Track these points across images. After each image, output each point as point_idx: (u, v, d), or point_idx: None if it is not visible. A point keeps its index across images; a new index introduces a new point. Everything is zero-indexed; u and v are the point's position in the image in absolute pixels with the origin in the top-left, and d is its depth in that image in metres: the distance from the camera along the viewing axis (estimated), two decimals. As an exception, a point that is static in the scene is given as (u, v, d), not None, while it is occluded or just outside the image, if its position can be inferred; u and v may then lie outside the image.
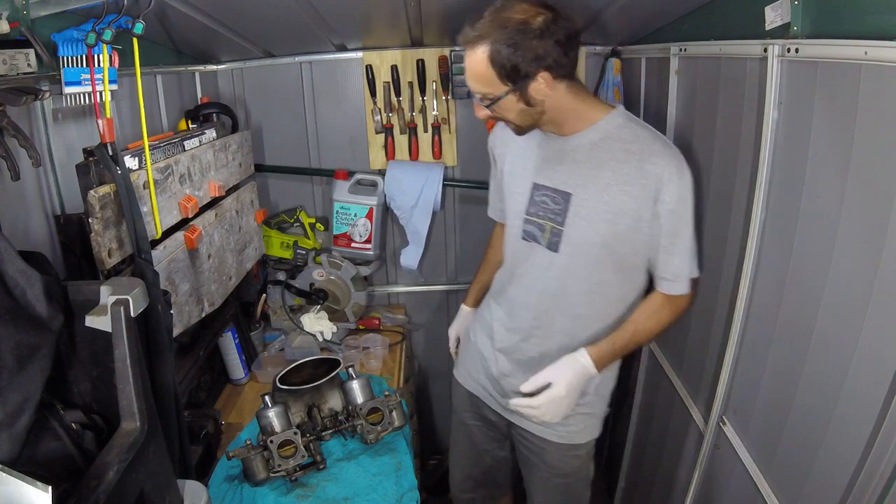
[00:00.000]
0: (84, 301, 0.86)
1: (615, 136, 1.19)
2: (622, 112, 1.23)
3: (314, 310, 1.97)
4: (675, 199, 1.16)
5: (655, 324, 1.28)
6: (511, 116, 1.17)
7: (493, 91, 1.11)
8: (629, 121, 1.22)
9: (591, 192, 1.20)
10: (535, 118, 1.18)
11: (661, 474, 1.74)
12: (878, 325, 0.88)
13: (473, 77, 1.12)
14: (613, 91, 1.87)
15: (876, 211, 0.87)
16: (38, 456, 0.77)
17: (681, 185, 1.16)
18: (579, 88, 1.20)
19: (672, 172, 1.15)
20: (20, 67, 0.95)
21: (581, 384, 1.25)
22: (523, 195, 1.29)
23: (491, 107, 1.15)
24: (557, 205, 1.23)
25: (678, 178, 1.16)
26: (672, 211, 1.17)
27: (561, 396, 1.23)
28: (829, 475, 0.98)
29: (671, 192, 1.15)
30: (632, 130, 1.20)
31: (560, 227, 1.24)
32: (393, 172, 2.01)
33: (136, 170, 1.16)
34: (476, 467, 1.65)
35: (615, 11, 1.51)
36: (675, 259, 1.21)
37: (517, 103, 1.13)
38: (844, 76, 0.91)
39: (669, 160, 1.16)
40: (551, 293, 1.29)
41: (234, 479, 1.31)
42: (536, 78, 1.08)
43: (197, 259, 1.38)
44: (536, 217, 1.27)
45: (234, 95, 2.02)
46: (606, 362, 1.26)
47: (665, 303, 1.26)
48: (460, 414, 1.60)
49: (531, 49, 1.04)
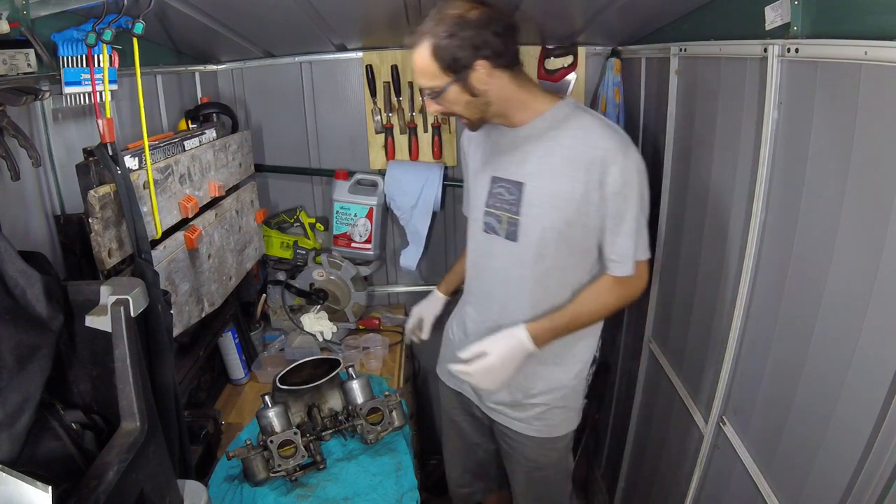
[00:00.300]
0: (84, 301, 0.86)
1: (562, 124, 1.23)
2: (569, 101, 1.27)
3: (314, 310, 1.97)
4: (620, 181, 1.18)
5: (600, 306, 1.29)
6: (459, 109, 1.22)
7: (438, 83, 1.17)
8: (576, 109, 1.26)
9: (542, 180, 1.23)
10: (483, 110, 1.22)
11: (661, 474, 1.75)
12: (878, 324, 0.88)
13: (419, 73, 1.19)
14: (613, 91, 1.87)
15: (876, 211, 0.87)
16: (38, 456, 0.77)
17: (625, 166, 1.17)
18: (525, 80, 1.24)
19: (616, 155, 1.17)
20: (20, 67, 0.95)
21: (517, 357, 1.27)
22: (484, 188, 1.33)
23: (438, 100, 1.20)
24: (512, 195, 1.27)
25: (622, 159, 1.17)
26: (616, 193, 1.18)
27: (493, 365, 1.26)
28: (829, 475, 0.98)
29: (615, 174, 1.17)
30: (578, 118, 1.23)
31: (516, 216, 1.27)
32: (393, 172, 2.01)
33: (136, 170, 1.16)
34: (470, 461, 1.68)
35: (615, 11, 1.51)
36: (620, 240, 1.22)
37: (462, 94, 1.18)
38: (844, 76, 0.91)
39: (613, 143, 1.18)
40: (512, 282, 1.32)
41: (234, 479, 1.31)
42: (475, 67, 1.13)
43: (197, 259, 1.38)
44: (494, 209, 1.31)
45: (234, 95, 2.02)
46: (545, 339, 1.28)
47: (612, 285, 1.28)
48: (448, 411, 1.63)
49: (468, 39, 1.11)
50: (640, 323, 1.90)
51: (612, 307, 1.31)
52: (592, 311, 1.30)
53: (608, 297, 1.29)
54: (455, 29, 1.11)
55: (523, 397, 1.39)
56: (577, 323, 1.30)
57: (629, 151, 1.19)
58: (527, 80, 1.25)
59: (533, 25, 1.80)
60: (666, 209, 1.69)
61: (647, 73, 1.78)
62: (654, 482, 1.81)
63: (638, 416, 1.98)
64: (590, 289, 1.29)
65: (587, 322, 1.31)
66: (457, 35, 1.11)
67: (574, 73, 1.94)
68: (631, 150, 1.20)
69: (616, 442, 2.23)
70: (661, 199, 1.69)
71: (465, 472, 1.70)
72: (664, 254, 1.73)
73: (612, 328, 2.28)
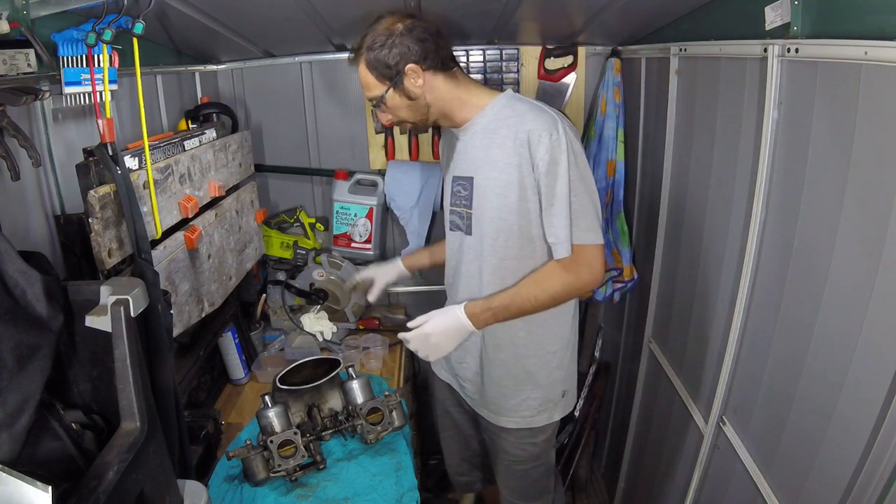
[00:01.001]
0: (84, 301, 0.86)
1: (499, 115, 1.27)
2: (507, 94, 1.31)
3: (314, 310, 1.97)
4: (546, 160, 1.19)
5: (541, 291, 1.28)
6: (403, 114, 1.30)
7: (378, 93, 1.27)
8: (511, 99, 1.29)
9: (485, 171, 1.28)
10: (424, 112, 1.30)
11: (661, 474, 1.75)
12: (878, 324, 0.88)
13: (364, 87, 1.30)
14: (613, 91, 1.87)
15: (876, 210, 0.87)
16: (38, 456, 0.77)
17: (551, 145, 1.18)
18: (463, 79, 1.32)
19: (541, 134, 1.19)
20: (20, 67, 0.95)
21: (453, 333, 1.32)
22: (448, 189, 1.41)
23: (382, 107, 1.29)
24: (466, 190, 1.33)
25: (547, 138, 1.18)
26: (546, 172, 1.20)
27: (426, 334, 1.33)
28: (829, 475, 0.98)
29: (541, 153, 1.19)
30: (512, 107, 1.26)
31: (469, 210, 1.33)
32: (393, 172, 2.01)
33: (136, 170, 1.15)
34: (467, 450, 1.72)
35: (615, 11, 1.51)
36: (554, 220, 1.22)
37: (401, 99, 1.27)
38: (844, 76, 0.91)
39: (538, 124, 1.20)
40: (471, 275, 1.37)
41: (234, 479, 1.31)
42: (406, 72, 1.23)
43: (197, 259, 1.38)
44: (455, 206, 1.38)
45: (234, 95, 2.02)
46: (483, 318, 1.30)
47: (556, 270, 1.26)
48: (442, 401, 1.66)
49: (395, 47, 1.22)
50: (640, 323, 1.90)
51: (558, 293, 1.28)
52: (533, 294, 1.28)
53: (551, 282, 1.27)
54: (383, 40, 1.22)
55: (493, 390, 1.43)
56: (517, 305, 1.28)
57: (554, 130, 1.19)
58: (465, 79, 1.33)
59: (533, 25, 1.80)
60: (666, 209, 1.69)
61: (647, 73, 1.78)
62: (654, 482, 1.81)
63: (638, 416, 1.98)
64: (533, 273, 1.30)
65: (531, 307, 1.29)
66: (385, 45, 1.22)
67: (574, 73, 1.94)
68: (557, 128, 1.20)
69: (616, 442, 2.24)
70: (661, 199, 1.70)
71: (463, 461, 1.75)
72: (664, 254, 1.73)
73: (612, 328, 2.28)
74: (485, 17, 1.65)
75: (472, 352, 1.43)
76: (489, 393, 1.44)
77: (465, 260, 1.38)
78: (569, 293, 1.29)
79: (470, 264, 1.36)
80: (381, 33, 1.22)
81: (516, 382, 1.40)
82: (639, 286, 1.94)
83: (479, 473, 1.77)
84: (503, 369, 1.40)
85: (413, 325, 1.36)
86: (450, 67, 1.28)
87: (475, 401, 1.49)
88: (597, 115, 1.91)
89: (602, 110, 1.89)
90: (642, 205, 1.92)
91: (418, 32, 1.22)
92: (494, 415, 1.45)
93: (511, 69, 1.97)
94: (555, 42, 1.93)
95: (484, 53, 1.96)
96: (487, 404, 1.46)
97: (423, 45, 1.23)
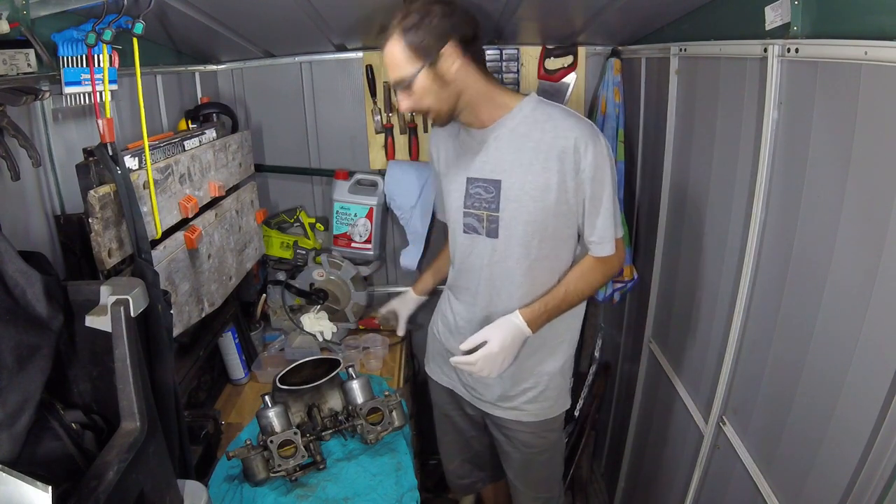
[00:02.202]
0: (84, 301, 0.86)
1: (530, 118, 1.27)
2: (534, 97, 1.31)
3: (314, 310, 1.97)
4: (593, 166, 1.23)
5: (586, 284, 1.35)
6: (429, 100, 1.23)
7: (409, 71, 1.19)
8: (541, 103, 1.30)
9: (517, 174, 1.27)
10: (452, 101, 1.24)
11: (661, 474, 1.75)
12: (878, 324, 0.88)
13: (392, 66, 1.22)
14: (613, 91, 1.87)
15: (876, 210, 0.87)
16: (38, 456, 0.77)
17: (596, 152, 1.23)
18: (492, 79, 1.30)
19: (586, 141, 1.22)
20: (20, 67, 0.95)
21: (516, 343, 1.32)
22: (459, 191, 1.37)
23: (410, 89, 1.22)
24: (489, 193, 1.31)
25: (593, 146, 1.22)
26: (592, 178, 1.24)
27: (494, 353, 1.30)
28: (829, 475, 0.98)
29: (588, 159, 1.23)
30: (544, 111, 1.28)
31: (496, 213, 1.31)
32: (393, 172, 2.01)
33: (136, 170, 1.15)
34: (467, 452, 1.73)
35: (615, 11, 1.51)
36: (600, 222, 1.28)
37: (433, 82, 1.20)
38: (844, 76, 0.91)
39: (582, 131, 1.23)
40: (498, 277, 1.36)
41: (234, 479, 1.31)
42: (444, 53, 1.18)
43: (197, 259, 1.38)
44: (473, 209, 1.35)
45: (234, 95, 2.02)
46: (540, 322, 1.33)
47: (595, 265, 1.34)
48: (441, 406, 1.67)
49: (434, 26, 1.17)
50: (640, 323, 1.90)
51: (598, 284, 1.38)
52: (580, 289, 1.35)
53: (593, 275, 1.35)
54: (422, 17, 1.17)
55: (512, 387, 1.43)
56: (567, 303, 1.35)
57: (597, 137, 1.25)
58: (493, 78, 1.31)
59: (533, 25, 1.80)
60: (666, 209, 1.69)
61: (647, 73, 1.78)
62: (654, 482, 1.81)
63: (638, 416, 1.98)
64: (575, 269, 1.35)
65: (576, 301, 1.37)
66: (423, 22, 1.17)
67: (574, 73, 1.94)
68: (598, 135, 1.25)
69: (616, 442, 2.23)
70: (661, 199, 1.70)
71: (465, 463, 1.75)
72: (664, 253, 1.73)
73: (612, 328, 2.28)
74: (485, 17, 1.65)
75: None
76: (506, 391, 1.44)
77: (487, 262, 1.36)
78: (605, 282, 1.40)
79: (495, 266, 1.35)
80: (419, 12, 1.18)
81: (533, 376, 1.42)
82: (639, 286, 1.94)
83: (480, 473, 1.77)
84: (519, 366, 1.40)
85: (469, 348, 1.32)
86: (484, 62, 1.28)
87: (486, 401, 1.48)
88: (597, 115, 1.91)
89: (602, 110, 1.89)
90: (642, 205, 1.92)
91: (459, 14, 1.20)
92: (514, 411, 1.46)
93: (511, 69, 1.97)
94: (555, 42, 1.93)
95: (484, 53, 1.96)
96: (504, 402, 1.45)
97: (464, 26, 1.19)
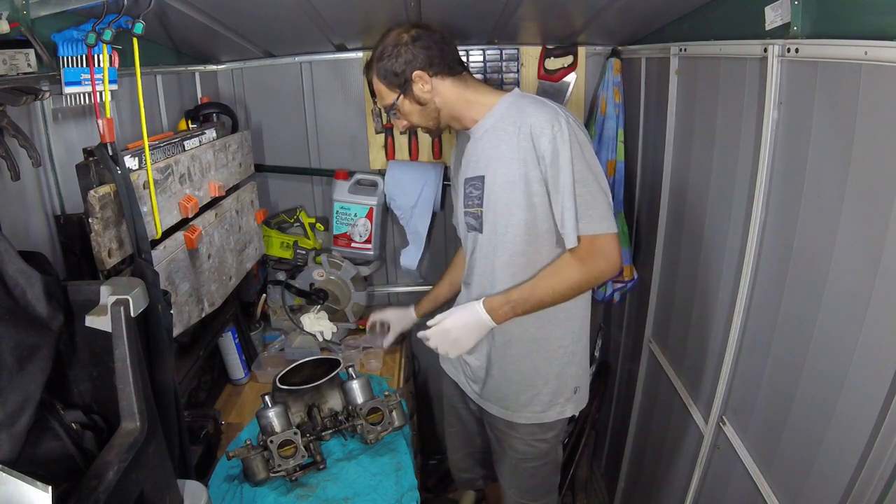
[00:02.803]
0: (84, 301, 0.86)
1: (506, 114, 1.30)
2: (514, 92, 1.34)
3: (314, 310, 1.97)
4: (550, 150, 1.21)
5: (559, 282, 1.28)
6: (416, 119, 1.37)
7: (391, 100, 1.34)
8: (518, 98, 1.32)
9: (495, 169, 1.30)
10: (434, 116, 1.36)
11: (661, 474, 1.75)
12: (878, 324, 0.88)
13: (377, 96, 1.38)
14: (613, 91, 1.87)
15: (876, 210, 0.87)
16: (38, 456, 0.77)
17: (553, 136, 1.20)
18: (470, 82, 1.36)
19: (542, 126, 1.21)
20: (20, 67, 0.95)
21: (472, 328, 1.34)
22: (460, 191, 1.43)
23: (396, 114, 1.36)
24: (478, 190, 1.35)
25: (549, 130, 1.21)
26: (550, 164, 1.22)
27: (445, 329, 1.36)
28: (829, 475, 0.98)
29: (544, 144, 1.21)
30: (518, 105, 1.29)
31: (481, 209, 1.35)
32: (393, 172, 2.01)
33: (136, 170, 1.15)
34: (471, 447, 1.73)
35: (615, 11, 1.51)
36: (563, 210, 1.24)
37: (412, 105, 1.33)
38: (844, 76, 0.91)
39: (539, 117, 1.23)
40: (484, 272, 1.39)
41: (234, 479, 1.31)
42: (413, 78, 1.30)
43: (197, 259, 1.38)
44: (469, 207, 1.39)
45: (234, 95, 2.02)
46: (501, 313, 1.31)
47: (571, 261, 1.27)
48: (449, 397, 1.68)
49: (402, 56, 1.29)
50: (640, 323, 1.90)
51: (576, 283, 1.28)
52: (552, 286, 1.28)
53: (569, 272, 1.27)
54: (390, 51, 1.29)
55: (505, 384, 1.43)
56: (536, 298, 1.29)
57: (558, 122, 1.21)
58: (473, 81, 1.37)
59: (533, 25, 1.80)
60: (666, 209, 1.69)
61: (647, 73, 1.78)
62: (654, 482, 1.81)
63: (638, 416, 1.98)
64: (550, 265, 1.31)
65: (550, 299, 1.30)
66: (392, 55, 1.29)
67: (574, 73, 1.94)
68: (560, 120, 1.21)
69: (616, 442, 2.24)
70: (661, 199, 1.70)
71: (467, 457, 1.76)
72: (664, 254, 1.73)
73: (612, 328, 2.28)
74: (485, 17, 1.65)
75: (481, 348, 1.44)
76: (499, 389, 1.44)
77: (478, 258, 1.40)
78: (588, 282, 1.30)
79: (482, 261, 1.39)
80: (389, 44, 1.30)
81: (526, 377, 1.41)
82: (639, 286, 1.94)
83: (481, 470, 1.78)
84: (513, 365, 1.41)
85: (432, 323, 1.39)
86: (458, 71, 1.34)
87: (482, 397, 1.50)
88: (597, 115, 1.91)
89: (602, 110, 1.89)
90: (642, 205, 1.92)
91: (423, 41, 1.29)
92: (504, 410, 1.46)
93: (511, 69, 1.97)
94: (555, 42, 1.93)
95: (484, 53, 1.96)
96: (497, 400, 1.46)
97: (428, 53, 1.29)
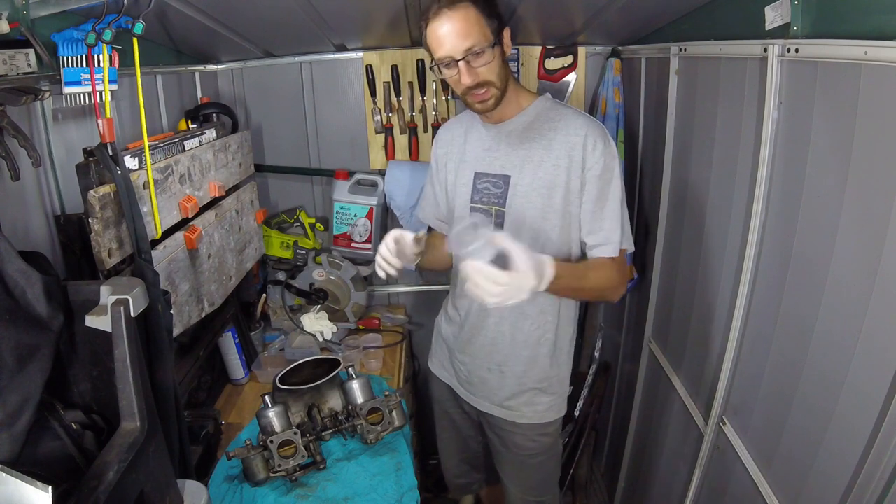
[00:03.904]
0: (84, 301, 0.86)
1: (543, 117, 1.28)
2: (549, 97, 1.33)
3: (314, 310, 1.97)
4: (600, 165, 1.22)
5: (601, 277, 1.26)
6: (494, 75, 1.19)
7: (482, 41, 1.14)
8: (555, 104, 1.31)
9: (527, 171, 1.27)
10: (506, 85, 1.23)
11: (661, 474, 1.75)
12: (878, 324, 0.88)
13: (462, 32, 1.13)
14: (613, 91, 1.87)
15: (876, 210, 0.87)
16: (38, 456, 0.77)
17: (605, 152, 1.22)
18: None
19: (595, 140, 1.22)
20: (20, 67, 0.95)
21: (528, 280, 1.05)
22: (467, 186, 1.36)
23: (480, 58, 1.15)
24: (499, 188, 1.31)
25: (602, 145, 1.22)
26: (598, 177, 1.22)
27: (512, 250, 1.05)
28: (829, 475, 0.98)
29: (595, 158, 1.22)
30: (557, 110, 1.29)
31: (503, 208, 1.31)
32: (393, 172, 2.01)
33: (136, 170, 1.15)
34: (466, 452, 1.72)
35: (615, 11, 1.51)
36: (606, 223, 1.25)
37: (497, 58, 1.19)
38: (844, 76, 0.91)
39: (591, 130, 1.23)
40: None
41: (234, 479, 1.31)
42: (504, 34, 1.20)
43: (197, 259, 1.38)
44: (481, 204, 1.34)
45: (234, 95, 2.02)
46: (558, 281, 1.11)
47: (607, 263, 1.26)
48: (441, 403, 1.67)
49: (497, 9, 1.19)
50: (640, 323, 1.90)
51: (607, 285, 1.27)
52: (596, 277, 1.25)
53: (608, 271, 1.25)
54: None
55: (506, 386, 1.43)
56: (582, 282, 1.24)
57: (607, 138, 1.24)
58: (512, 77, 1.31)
59: (533, 25, 1.80)
60: (666, 209, 1.69)
61: (647, 73, 1.78)
62: (653, 482, 1.81)
63: (638, 416, 1.98)
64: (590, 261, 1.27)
65: (589, 288, 1.27)
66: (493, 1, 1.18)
67: (574, 73, 1.94)
68: (608, 137, 1.24)
69: (616, 442, 2.23)
70: (661, 199, 1.69)
71: (462, 462, 1.75)
72: (664, 254, 1.73)
73: (612, 328, 2.28)
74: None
75: (481, 350, 1.43)
76: (502, 390, 1.44)
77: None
78: (616, 289, 1.30)
79: None
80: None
81: (529, 379, 1.41)
82: (639, 286, 1.94)
83: (477, 475, 1.78)
84: (516, 367, 1.41)
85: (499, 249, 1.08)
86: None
87: (482, 400, 1.49)
88: (597, 115, 1.91)
89: (602, 110, 1.89)
90: (642, 205, 1.92)
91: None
92: (508, 411, 1.45)
93: (511, 69, 1.97)
94: (555, 42, 1.93)
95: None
96: (499, 402, 1.46)
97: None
